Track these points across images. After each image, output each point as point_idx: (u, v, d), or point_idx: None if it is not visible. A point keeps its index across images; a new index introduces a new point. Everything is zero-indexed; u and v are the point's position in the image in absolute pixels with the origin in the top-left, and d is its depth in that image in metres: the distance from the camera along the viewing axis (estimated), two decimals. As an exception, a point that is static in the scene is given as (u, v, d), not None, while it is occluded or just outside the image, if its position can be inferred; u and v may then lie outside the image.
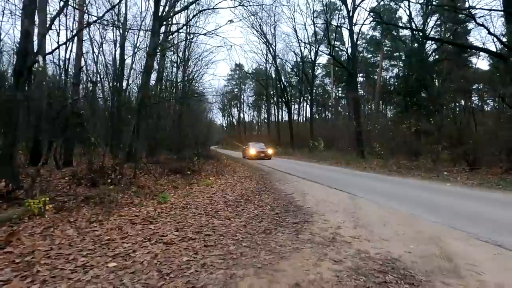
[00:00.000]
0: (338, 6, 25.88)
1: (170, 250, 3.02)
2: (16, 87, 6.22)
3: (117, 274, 2.45)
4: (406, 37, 23.07)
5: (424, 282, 2.32)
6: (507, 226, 3.85)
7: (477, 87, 24.30)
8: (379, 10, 25.52)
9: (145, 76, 12.00)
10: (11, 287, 2.20)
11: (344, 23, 24.11)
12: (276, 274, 2.44)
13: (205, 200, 5.56)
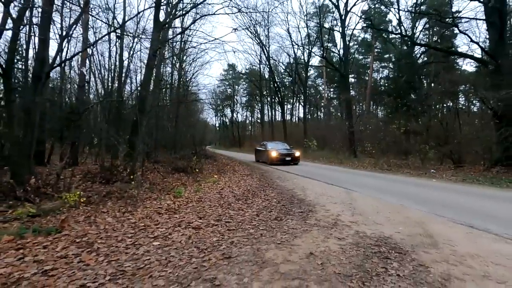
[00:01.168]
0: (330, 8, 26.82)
1: (199, 233, 3.61)
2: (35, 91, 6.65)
3: (163, 250, 3.03)
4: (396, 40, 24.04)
5: (410, 252, 2.97)
6: (479, 213, 4.58)
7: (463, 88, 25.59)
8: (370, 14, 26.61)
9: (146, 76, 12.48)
10: (83, 258, 2.75)
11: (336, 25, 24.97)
12: (293, 247, 3.06)
13: (215, 195, 6.14)
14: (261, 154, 15.92)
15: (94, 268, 2.57)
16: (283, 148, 15.39)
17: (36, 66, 6.76)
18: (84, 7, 7.32)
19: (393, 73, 31.13)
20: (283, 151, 14.63)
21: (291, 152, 14.62)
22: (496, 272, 2.49)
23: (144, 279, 2.39)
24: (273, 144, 16.18)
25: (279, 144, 16.46)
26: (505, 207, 5.09)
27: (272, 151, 14.41)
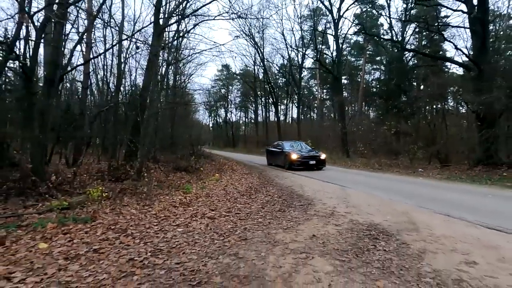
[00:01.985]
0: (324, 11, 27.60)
1: (215, 222, 4.16)
2: (48, 94, 7.07)
3: (188, 235, 3.57)
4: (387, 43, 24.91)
5: (395, 234, 3.59)
6: (457, 205, 5.25)
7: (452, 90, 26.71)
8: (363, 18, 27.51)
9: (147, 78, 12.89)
10: (123, 241, 3.28)
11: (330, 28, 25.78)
12: (298, 231, 3.65)
13: (221, 191, 6.69)
14: (276, 156, 13.54)
15: (134, 247, 3.11)
16: (304, 149, 13.10)
17: (49, 71, 7.20)
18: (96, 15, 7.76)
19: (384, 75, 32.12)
20: (304, 153, 12.29)
21: (314, 154, 12.19)
22: (462, 247, 3.11)
23: (179, 254, 2.93)
24: (290, 144, 13.70)
25: (298, 144, 13.96)
26: (480, 200, 5.79)
27: (291, 153, 11.95)
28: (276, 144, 14.50)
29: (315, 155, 12.09)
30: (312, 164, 11.62)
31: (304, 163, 11.60)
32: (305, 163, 11.60)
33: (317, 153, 12.39)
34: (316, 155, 12.01)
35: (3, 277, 2.36)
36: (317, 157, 11.87)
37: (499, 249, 3.05)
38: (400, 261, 2.75)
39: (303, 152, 12.36)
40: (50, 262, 2.67)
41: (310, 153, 12.29)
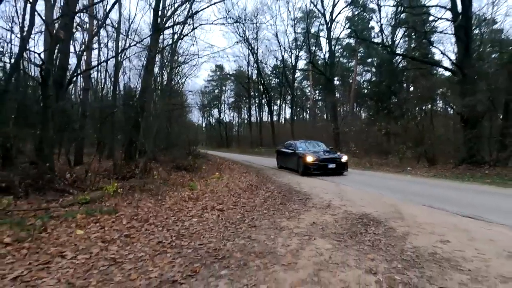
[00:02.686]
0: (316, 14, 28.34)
1: (224, 213, 4.67)
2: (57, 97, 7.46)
3: (203, 223, 4.07)
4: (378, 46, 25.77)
5: (383, 221, 4.15)
6: (439, 198, 5.87)
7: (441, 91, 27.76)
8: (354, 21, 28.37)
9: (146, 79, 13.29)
10: (147, 228, 3.75)
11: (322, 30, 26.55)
12: (300, 220, 4.19)
13: (224, 188, 7.19)
14: (287, 158, 11.85)
15: (159, 233, 3.59)
16: (321, 150, 11.30)
17: (58, 74, 7.58)
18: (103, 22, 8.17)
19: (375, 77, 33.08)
20: (322, 154, 10.42)
21: (334, 156, 10.41)
22: (440, 231, 3.70)
23: (200, 238, 3.43)
24: (304, 143, 12.01)
25: (313, 144, 12.19)
26: (459, 195, 6.44)
27: (306, 155, 10.09)
28: (288, 144, 12.53)
29: (334, 157, 10.23)
30: (331, 168, 9.77)
31: (322, 167, 9.72)
32: (323, 167, 9.72)
33: (336, 154, 10.56)
34: (336, 157, 10.17)
35: (58, 255, 2.82)
36: (337, 160, 10.04)
37: (470, 232, 3.64)
38: (387, 240, 3.31)
39: (320, 154, 10.39)
40: (91, 244, 3.14)
41: (328, 155, 10.36)
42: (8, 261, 2.65)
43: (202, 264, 2.67)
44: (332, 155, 10.55)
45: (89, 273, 2.49)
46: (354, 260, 2.74)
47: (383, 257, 2.83)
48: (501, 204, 5.46)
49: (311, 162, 9.83)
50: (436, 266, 2.60)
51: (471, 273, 2.47)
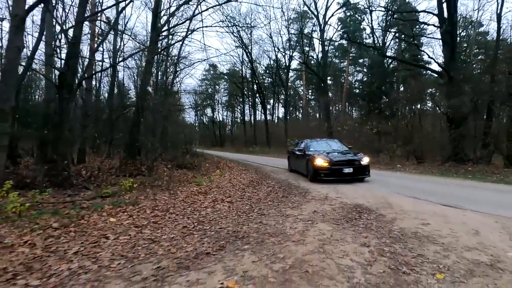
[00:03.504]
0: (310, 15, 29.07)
1: (233, 205, 5.24)
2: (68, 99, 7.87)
3: (217, 213, 4.64)
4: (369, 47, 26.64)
5: (374, 210, 4.80)
6: (424, 191, 6.57)
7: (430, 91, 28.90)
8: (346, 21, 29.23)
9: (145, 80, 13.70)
10: (170, 216, 4.30)
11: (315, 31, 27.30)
12: (302, 209, 4.80)
13: (227, 184, 7.76)
14: (297, 160, 10.14)
15: (182, 220, 4.15)
16: (337, 150, 9.47)
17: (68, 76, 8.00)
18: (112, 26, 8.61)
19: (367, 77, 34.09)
20: (336, 156, 8.60)
21: (352, 157, 8.53)
22: (422, 216, 4.35)
23: (218, 223, 4.01)
24: (318, 143, 10.18)
25: (328, 143, 10.31)
26: (442, 188, 7.16)
27: (316, 157, 8.27)
28: (299, 144, 11.03)
29: (351, 158, 8.38)
30: (347, 173, 7.92)
31: (336, 171, 7.94)
32: (337, 171, 7.93)
33: (355, 156, 8.62)
34: (354, 159, 8.31)
35: (102, 236, 3.36)
36: (356, 162, 8.16)
37: (447, 217, 4.31)
38: (378, 224, 3.95)
39: (333, 155, 8.54)
40: (126, 229, 3.68)
41: (344, 157, 8.62)
42: (64, 241, 3.18)
43: (227, 241, 3.25)
44: (350, 156, 8.60)
45: (135, 248, 3.04)
46: (351, 238, 3.37)
47: (375, 235, 3.46)
48: (477, 195, 6.19)
49: (321, 166, 7.96)
50: (417, 241, 3.25)
51: (444, 245, 3.12)
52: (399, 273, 2.45)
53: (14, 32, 4.99)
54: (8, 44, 5.12)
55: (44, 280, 2.34)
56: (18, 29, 5.01)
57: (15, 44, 5.05)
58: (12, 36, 5.01)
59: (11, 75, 5.15)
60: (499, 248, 3.01)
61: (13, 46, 5.03)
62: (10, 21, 5.31)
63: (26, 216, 3.93)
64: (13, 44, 5.03)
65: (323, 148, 9.54)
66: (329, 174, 7.94)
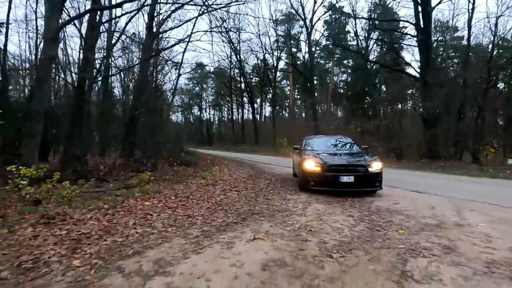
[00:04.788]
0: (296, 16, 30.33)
1: (241, 193, 6.27)
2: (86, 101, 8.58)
3: (229, 198, 5.65)
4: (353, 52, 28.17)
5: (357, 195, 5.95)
6: (399, 181, 7.81)
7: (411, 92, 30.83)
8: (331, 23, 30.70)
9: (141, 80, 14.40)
10: (192, 201, 5.28)
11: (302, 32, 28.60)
12: (299, 195, 5.89)
13: (229, 177, 8.76)
14: (295, 162, 8.38)
15: (203, 203, 5.14)
16: (343, 150, 7.60)
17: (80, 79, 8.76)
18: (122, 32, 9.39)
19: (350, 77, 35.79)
20: (333, 159, 6.50)
21: (357, 161, 6.46)
22: (395, 199, 5.53)
23: (233, 205, 5.03)
24: (321, 141, 8.30)
25: (336, 141, 8.22)
26: (415, 179, 8.48)
27: (306, 158, 6.47)
28: (301, 143, 8.34)
29: (355, 163, 6.31)
30: (346, 183, 5.82)
31: (330, 180, 5.91)
32: (332, 180, 5.90)
33: (362, 158, 6.49)
34: (358, 164, 6.23)
35: (146, 214, 4.31)
36: (359, 168, 6.09)
37: (414, 199, 5.53)
38: (360, 203, 5.10)
39: (332, 157, 6.52)
40: (162, 210, 4.64)
41: (347, 159, 6.57)
42: (119, 217, 4.11)
43: (246, 215, 4.29)
44: (354, 160, 6.52)
45: (177, 221, 4.02)
46: (340, 212, 4.49)
47: (357, 210, 4.60)
48: (440, 184, 7.51)
49: (311, 171, 6.15)
50: (388, 213, 4.40)
51: (407, 215, 4.29)
52: (374, 230, 3.57)
53: (49, 44, 5.80)
54: (43, 55, 5.91)
55: (124, 238, 3.30)
56: (52, 41, 5.81)
57: (49, 54, 5.86)
58: (46, 47, 5.80)
59: (45, 81, 5.94)
60: (446, 216, 4.21)
61: (48, 56, 5.84)
62: (46, 34, 6.01)
63: (75, 201, 4.81)
64: (47, 54, 5.83)
65: (327, 147, 7.53)
66: (320, 183, 5.96)
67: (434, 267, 2.56)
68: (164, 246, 3.06)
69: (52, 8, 5.64)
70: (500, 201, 5.21)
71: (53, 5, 5.64)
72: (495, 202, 5.18)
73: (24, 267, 2.52)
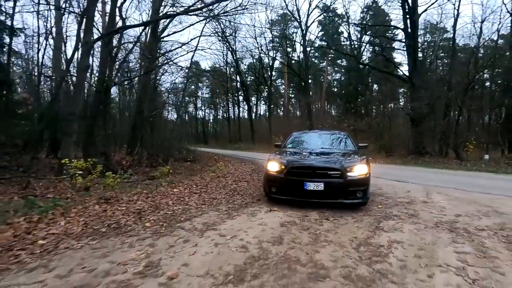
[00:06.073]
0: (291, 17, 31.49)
1: (250, 183, 7.40)
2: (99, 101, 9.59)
3: (241, 187, 6.77)
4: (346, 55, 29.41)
5: (349, 184, 7.14)
6: (384, 174, 9.05)
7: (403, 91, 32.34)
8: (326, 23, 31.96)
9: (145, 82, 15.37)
10: (211, 189, 6.39)
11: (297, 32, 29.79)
12: (300, 184, 7.05)
13: (235, 171, 9.88)
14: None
15: (221, 190, 6.26)
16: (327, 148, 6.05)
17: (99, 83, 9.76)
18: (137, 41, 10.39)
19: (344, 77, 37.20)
20: (302, 159, 5.12)
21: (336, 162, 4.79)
22: (379, 186, 6.73)
23: (247, 192, 6.15)
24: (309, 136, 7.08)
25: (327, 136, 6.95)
26: (399, 172, 9.73)
27: (271, 159, 5.14)
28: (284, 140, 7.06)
29: (330, 165, 4.72)
30: (312, 191, 4.48)
31: (293, 186, 4.63)
32: (295, 186, 4.61)
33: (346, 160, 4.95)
34: (335, 168, 4.63)
35: (179, 197, 5.42)
36: (332, 172, 4.60)
37: (394, 186, 6.76)
38: (350, 189, 6.28)
39: (307, 157, 5.17)
40: (189, 195, 5.75)
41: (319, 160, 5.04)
42: (158, 199, 5.20)
43: (260, 198, 5.42)
44: (331, 159, 5.00)
45: (206, 201, 5.14)
46: (334, 195, 5.66)
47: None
48: (420, 175, 8.78)
49: (272, 174, 4.93)
50: (372, 195, 5.59)
51: (387, 197, 5.50)
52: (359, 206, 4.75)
53: (85, 55, 6.82)
54: (79, 64, 6.93)
55: (171, 212, 4.41)
56: (87, 53, 6.84)
57: (85, 64, 6.88)
58: (83, 58, 6.82)
59: (81, 87, 6.97)
60: (417, 197, 5.44)
61: (83, 65, 6.86)
62: (82, 47, 7.00)
63: (117, 188, 5.88)
64: (83, 64, 6.85)
65: (313, 144, 6.22)
66: (283, 190, 4.75)
67: (399, 225, 3.75)
68: (204, 216, 4.19)
69: (87, 27, 6.65)
70: (464, 187, 6.48)
71: (88, 25, 6.66)
72: (460, 187, 6.45)
73: (112, 227, 3.62)
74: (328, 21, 28.66)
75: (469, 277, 2.36)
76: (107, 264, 2.56)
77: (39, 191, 5.71)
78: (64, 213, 3.99)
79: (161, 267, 2.50)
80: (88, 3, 6.77)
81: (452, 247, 3.00)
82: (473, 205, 4.88)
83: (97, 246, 2.97)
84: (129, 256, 2.73)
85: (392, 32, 25.82)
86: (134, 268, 2.48)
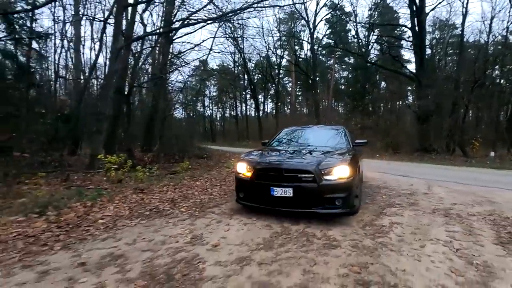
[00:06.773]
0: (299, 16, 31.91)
1: (263, 177, 8.01)
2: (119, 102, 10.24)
3: (256, 181, 7.39)
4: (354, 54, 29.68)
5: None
6: (391, 169, 9.59)
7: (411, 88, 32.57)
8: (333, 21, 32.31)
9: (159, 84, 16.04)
10: (231, 181, 7.03)
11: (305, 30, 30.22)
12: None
13: (248, 167, 10.49)
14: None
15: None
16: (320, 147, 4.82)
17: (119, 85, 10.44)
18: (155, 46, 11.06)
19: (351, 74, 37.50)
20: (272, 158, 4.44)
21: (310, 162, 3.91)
22: (384, 180, 7.28)
23: (263, 184, 6.77)
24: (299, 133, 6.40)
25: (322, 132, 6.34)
26: (405, 168, 10.23)
27: (242, 159, 4.55)
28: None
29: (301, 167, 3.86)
30: (280, 197, 3.74)
31: (260, 191, 3.96)
32: (262, 191, 3.91)
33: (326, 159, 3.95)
34: (306, 170, 3.75)
35: (204, 188, 6.06)
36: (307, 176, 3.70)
37: (399, 180, 7.30)
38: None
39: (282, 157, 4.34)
40: (212, 186, 6.38)
41: (288, 159, 4.17)
42: (185, 190, 5.86)
43: (275, 189, 6.02)
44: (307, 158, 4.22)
45: (228, 192, 5.77)
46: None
47: (355, 187, 6.35)
48: (424, 171, 9.29)
49: (241, 176, 4.37)
50: (378, 188, 6.17)
51: (391, 189, 6.06)
52: (366, 196, 5.33)
53: (113, 61, 7.50)
54: (109, 69, 7.61)
55: (199, 200, 5.05)
56: (115, 58, 7.52)
57: (114, 68, 7.56)
58: (111, 63, 7.50)
59: (109, 89, 7.66)
60: (419, 189, 5.99)
61: (113, 69, 7.55)
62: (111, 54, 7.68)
63: (146, 181, 6.56)
64: (112, 68, 7.53)
65: (302, 141, 5.64)
66: (250, 195, 4.18)
67: (400, 211, 4.33)
68: (228, 204, 4.82)
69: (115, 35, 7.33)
70: (465, 181, 7.01)
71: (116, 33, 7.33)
72: (461, 181, 6.98)
73: (154, 211, 4.29)
74: (336, 20, 28.97)
75: (454, 247, 2.95)
76: (161, 236, 3.21)
77: (79, 182, 6.42)
78: (109, 200, 4.67)
79: (204, 239, 3.15)
80: (117, 12, 7.45)
81: (444, 228, 3.58)
82: (470, 196, 5.42)
83: (147, 225, 3.64)
84: (176, 231, 3.38)
85: (400, 29, 26.16)
86: (183, 239, 3.13)
